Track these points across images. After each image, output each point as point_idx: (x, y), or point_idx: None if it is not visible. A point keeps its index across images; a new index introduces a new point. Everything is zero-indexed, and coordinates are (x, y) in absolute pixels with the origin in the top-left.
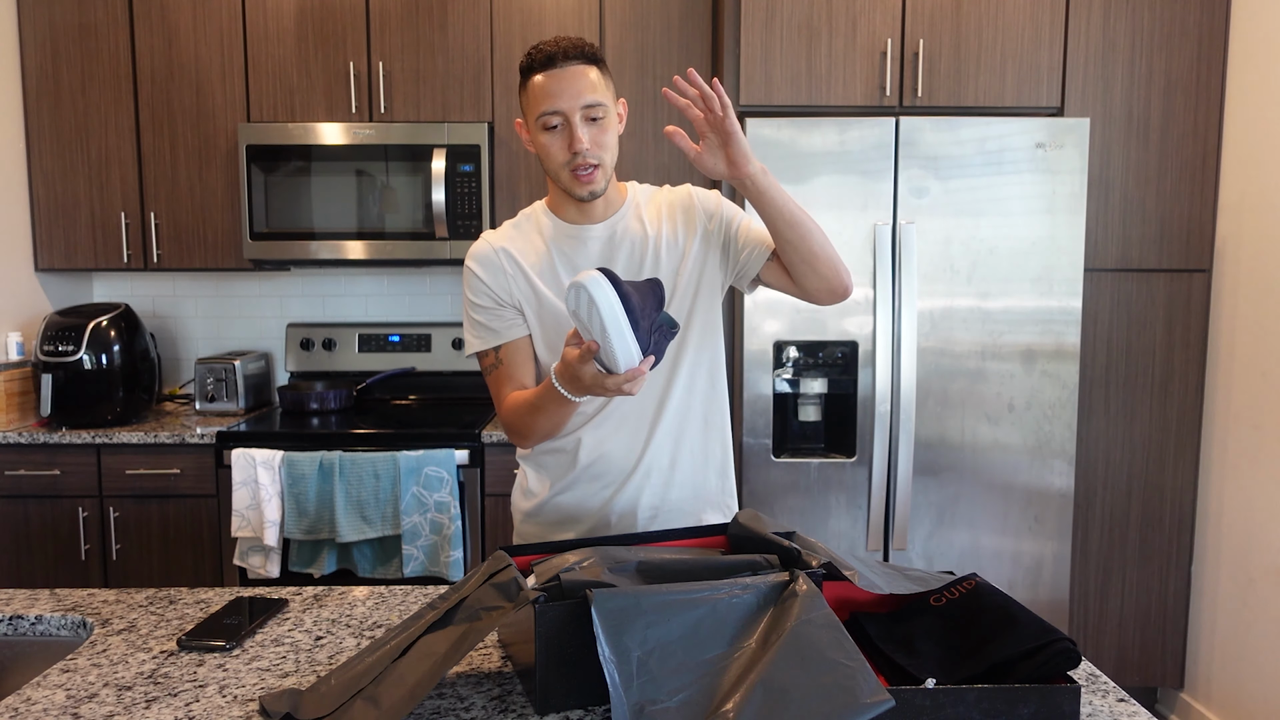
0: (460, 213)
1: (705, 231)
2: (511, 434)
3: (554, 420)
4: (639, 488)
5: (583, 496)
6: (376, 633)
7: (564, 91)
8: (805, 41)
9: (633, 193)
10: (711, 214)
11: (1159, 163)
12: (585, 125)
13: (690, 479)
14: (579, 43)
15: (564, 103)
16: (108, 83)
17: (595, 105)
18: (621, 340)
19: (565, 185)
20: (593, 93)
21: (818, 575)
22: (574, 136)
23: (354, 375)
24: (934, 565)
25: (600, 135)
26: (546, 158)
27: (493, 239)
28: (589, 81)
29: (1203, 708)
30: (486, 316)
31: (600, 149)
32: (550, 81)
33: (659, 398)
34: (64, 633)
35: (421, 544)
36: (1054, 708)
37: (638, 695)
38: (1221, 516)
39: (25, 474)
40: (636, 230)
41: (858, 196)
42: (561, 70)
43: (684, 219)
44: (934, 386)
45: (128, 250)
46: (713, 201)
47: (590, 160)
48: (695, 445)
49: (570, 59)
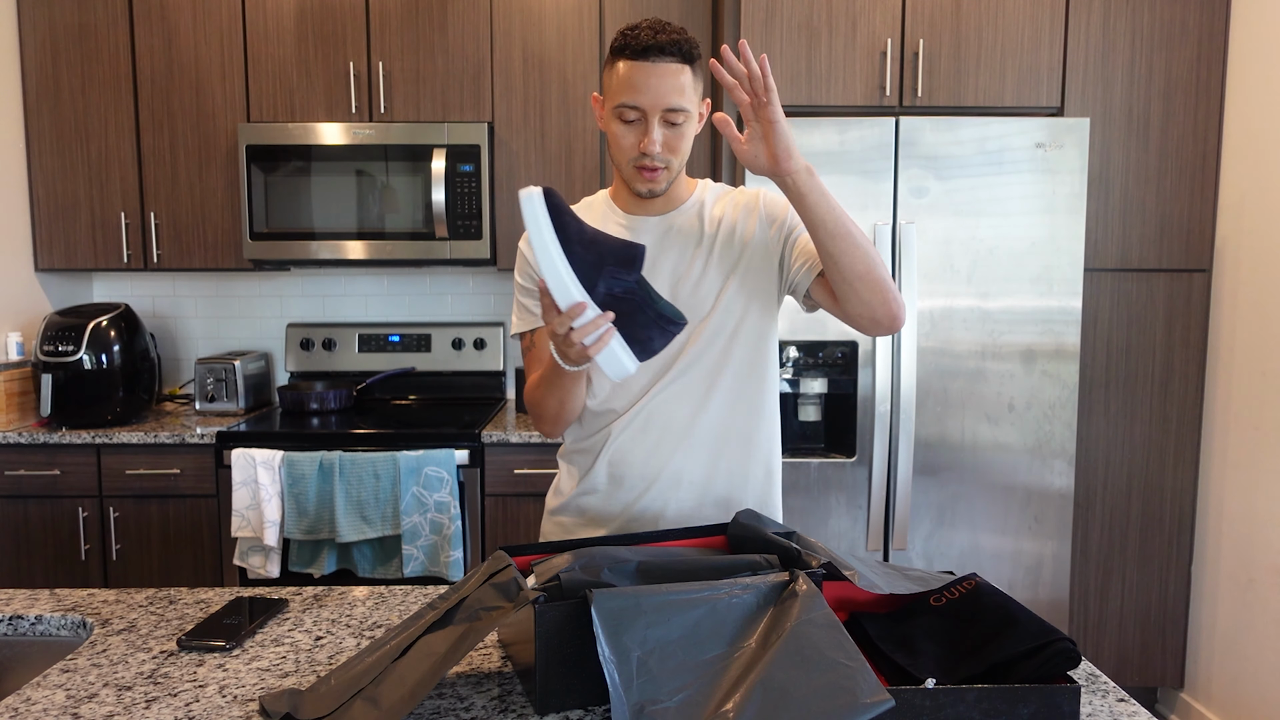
0: (460, 213)
1: (765, 239)
2: (532, 416)
3: (559, 396)
4: (664, 498)
5: (605, 499)
6: (376, 633)
7: (649, 89)
8: (805, 41)
9: (700, 190)
10: (774, 219)
11: (1159, 163)
12: (662, 127)
13: (725, 497)
14: (678, 38)
15: (645, 101)
16: (108, 83)
17: (678, 110)
18: (548, 260)
19: (627, 177)
20: (678, 97)
21: (818, 575)
22: (648, 137)
23: (354, 375)
24: (934, 565)
25: (675, 140)
26: (615, 147)
27: None
28: (677, 84)
29: (1203, 708)
30: (528, 298)
31: (672, 153)
32: (637, 74)
33: (694, 406)
34: (64, 633)
35: (421, 544)
36: (1054, 708)
37: (638, 695)
38: (1221, 516)
39: (25, 474)
40: (693, 228)
41: (858, 196)
42: (653, 65)
43: (745, 223)
44: (934, 386)
45: (128, 250)
46: (779, 208)
47: (658, 163)
48: (734, 465)
49: (665, 54)
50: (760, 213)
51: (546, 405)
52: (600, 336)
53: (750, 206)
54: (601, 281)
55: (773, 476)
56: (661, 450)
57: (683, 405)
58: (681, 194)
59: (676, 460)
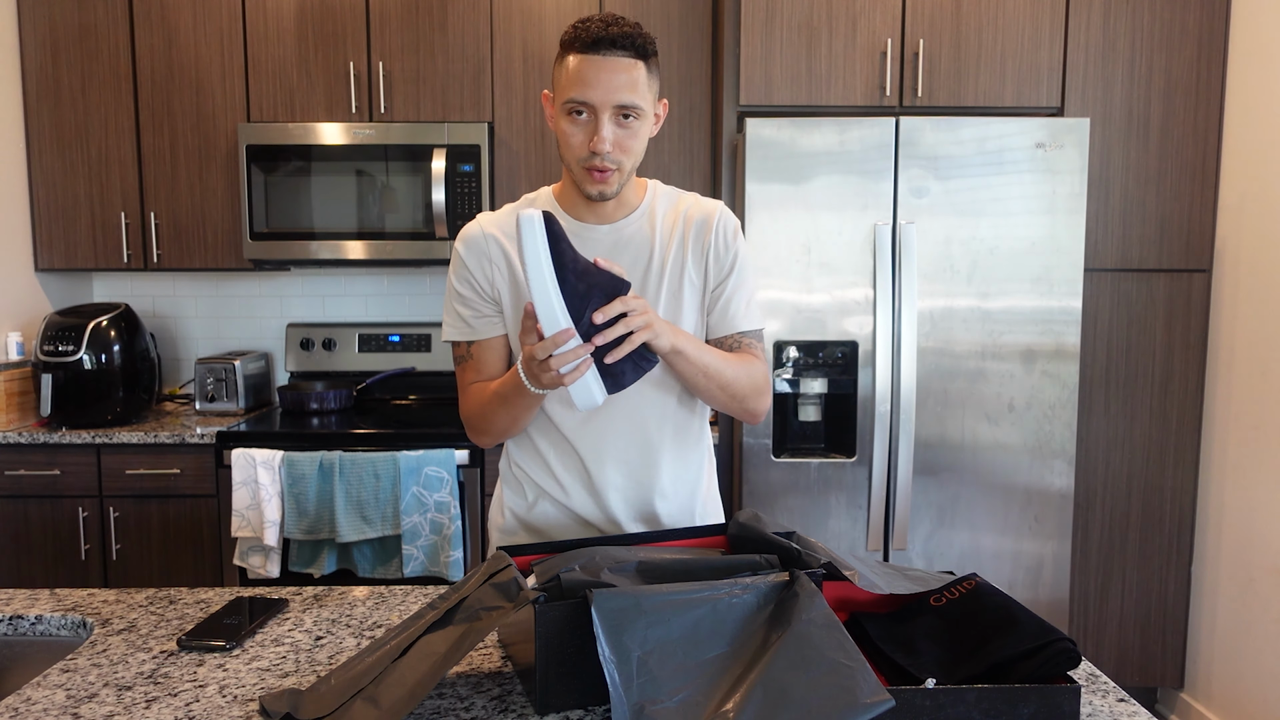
0: (460, 213)
1: (708, 266)
2: (470, 428)
3: (513, 413)
4: (598, 504)
5: (549, 510)
6: (376, 633)
7: (599, 83)
8: (805, 41)
9: (651, 193)
10: (720, 255)
11: (1159, 163)
12: (613, 125)
13: (669, 500)
14: (631, 32)
15: (595, 96)
16: (108, 83)
17: (630, 107)
18: (540, 286)
19: (577, 179)
20: (630, 93)
21: (818, 575)
22: (597, 135)
23: (354, 375)
24: (934, 565)
25: (627, 139)
26: (564, 146)
27: (485, 222)
28: (630, 79)
29: (1203, 708)
30: (465, 307)
31: (623, 153)
32: (587, 68)
33: (627, 414)
34: (64, 633)
35: (421, 544)
36: (1054, 708)
37: (638, 695)
38: (1221, 516)
39: (25, 474)
40: (643, 239)
41: (858, 196)
42: (603, 59)
43: (696, 240)
44: (934, 386)
45: (128, 250)
46: (730, 243)
47: (609, 164)
48: (672, 466)
49: (616, 48)
50: (714, 237)
51: (496, 420)
52: (577, 366)
53: (704, 223)
54: (588, 313)
55: (701, 472)
56: (596, 460)
57: (620, 418)
58: (631, 199)
59: (610, 468)
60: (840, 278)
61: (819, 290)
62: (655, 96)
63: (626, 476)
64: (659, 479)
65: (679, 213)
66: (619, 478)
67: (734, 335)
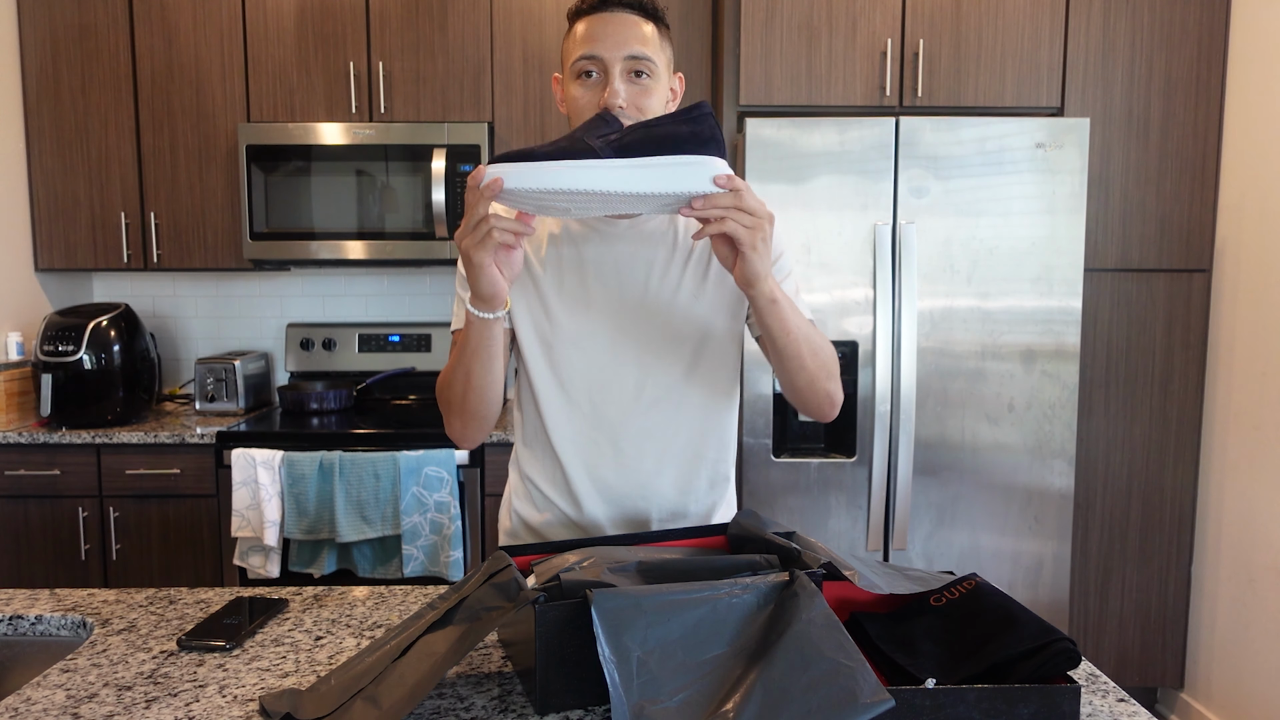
0: (460, 213)
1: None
2: (442, 407)
3: (465, 367)
4: (603, 508)
5: (554, 518)
6: (376, 633)
7: (607, 37)
8: (805, 41)
9: None
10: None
11: (1159, 163)
12: (626, 81)
13: (672, 507)
14: None
15: (604, 49)
16: (108, 83)
17: (642, 59)
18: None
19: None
20: (641, 45)
21: (818, 575)
22: (609, 88)
23: (354, 375)
24: (934, 565)
25: (642, 97)
26: (575, 114)
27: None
28: (640, 34)
29: (1203, 708)
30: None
31: (638, 111)
32: (594, 25)
33: (656, 417)
34: (64, 633)
35: (421, 544)
36: (1054, 708)
37: (638, 695)
38: (1221, 516)
39: (25, 474)
40: (670, 229)
41: (858, 196)
42: (611, 15)
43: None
44: (934, 386)
45: (128, 250)
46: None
47: (623, 120)
48: (681, 475)
49: (624, 6)
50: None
51: (454, 384)
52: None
53: None
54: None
55: (717, 486)
56: (599, 462)
57: (621, 419)
58: None
59: (621, 473)
60: (840, 278)
61: (819, 290)
62: (669, 64)
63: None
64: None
65: None
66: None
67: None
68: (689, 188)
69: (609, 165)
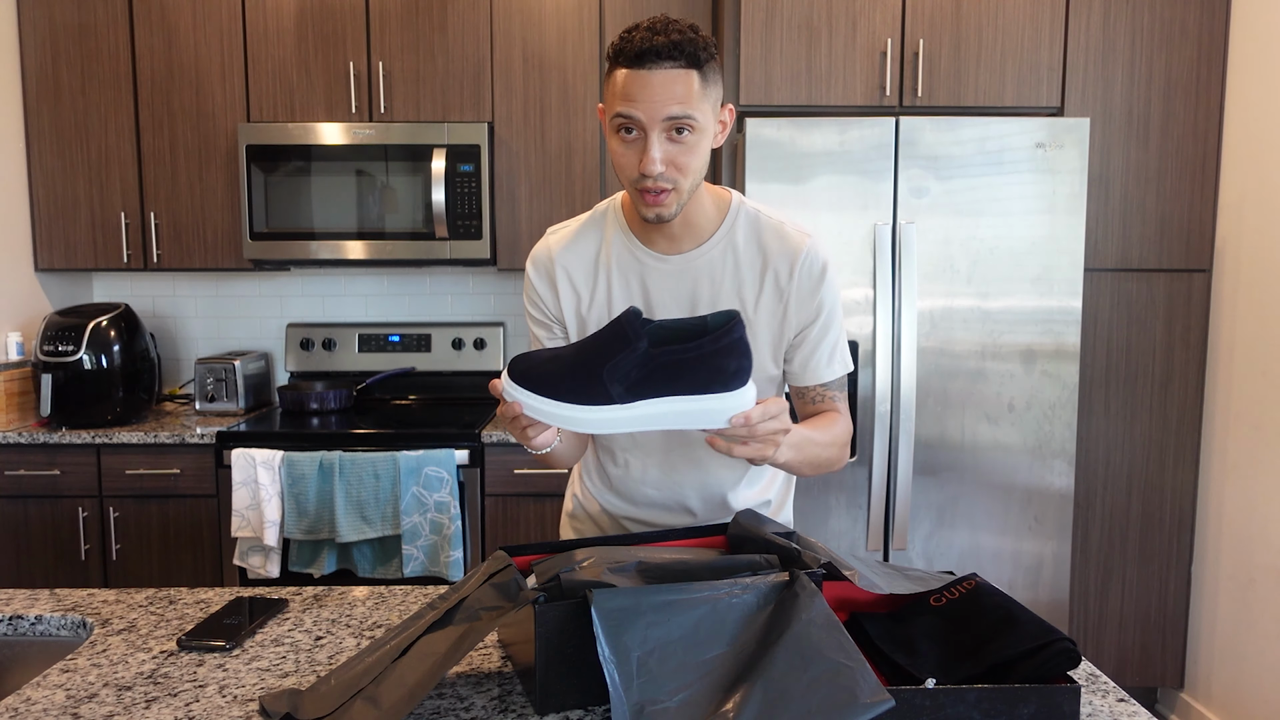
0: (460, 213)
1: (788, 312)
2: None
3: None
4: (657, 514)
5: (615, 505)
6: (376, 633)
7: (645, 98)
8: (805, 41)
9: (733, 217)
10: (803, 301)
11: (1159, 163)
12: (665, 141)
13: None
14: (679, 40)
15: (642, 109)
16: (108, 83)
17: (682, 119)
18: (543, 415)
19: (634, 200)
20: (680, 105)
21: (818, 575)
22: (646, 155)
23: (354, 375)
24: (934, 565)
25: (683, 155)
26: (617, 166)
27: (553, 245)
28: (679, 92)
29: (1203, 708)
30: (539, 327)
31: (679, 172)
32: (632, 83)
33: (682, 446)
34: (64, 633)
35: (421, 544)
36: (1054, 708)
37: (638, 695)
38: (1221, 516)
39: (25, 474)
40: (719, 269)
41: (858, 196)
42: (650, 73)
43: (774, 281)
44: (934, 386)
45: (127, 250)
46: (815, 288)
47: (663, 184)
48: (724, 488)
49: (664, 60)
50: (792, 291)
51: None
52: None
53: (783, 269)
54: (611, 384)
55: (768, 499)
56: (648, 471)
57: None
58: (704, 224)
59: (667, 482)
60: (840, 278)
61: None
62: (715, 104)
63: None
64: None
65: (761, 245)
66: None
67: (816, 388)
68: (703, 425)
69: (621, 409)
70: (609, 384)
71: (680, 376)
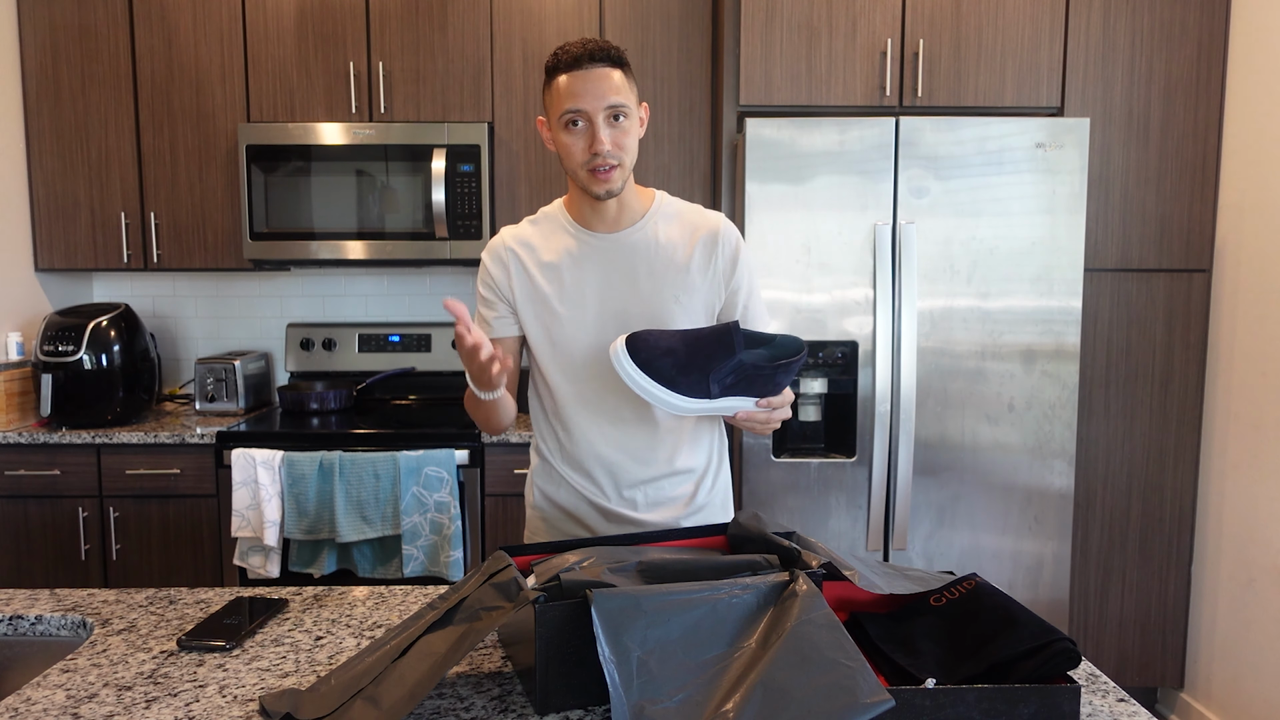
0: (460, 213)
1: (714, 276)
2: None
3: (483, 413)
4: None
5: (569, 495)
6: (376, 633)
7: (588, 92)
8: (805, 41)
9: (658, 204)
10: (729, 266)
11: (1159, 163)
12: (607, 126)
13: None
14: (605, 45)
15: (587, 103)
16: (108, 83)
17: (618, 106)
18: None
19: (583, 183)
20: (616, 95)
21: (818, 575)
22: (595, 137)
23: (354, 375)
24: (934, 565)
25: (621, 137)
26: (567, 156)
27: (508, 236)
28: (613, 84)
29: (1203, 708)
30: (488, 309)
31: (621, 150)
32: (575, 82)
33: (633, 406)
34: (64, 633)
35: (421, 544)
36: (1054, 708)
37: (638, 695)
38: (1221, 516)
39: (25, 474)
40: (652, 242)
41: (858, 196)
42: (587, 71)
43: (703, 251)
44: (934, 386)
45: (128, 250)
46: (735, 253)
47: (610, 160)
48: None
49: (596, 61)
50: (720, 248)
51: (476, 416)
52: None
53: (711, 236)
54: (714, 384)
55: (709, 473)
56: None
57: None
58: (636, 207)
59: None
60: (840, 278)
61: (819, 290)
62: (637, 99)
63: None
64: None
65: (685, 222)
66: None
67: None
68: (736, 408)
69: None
70: (712, 384)
71: (754, 383)
